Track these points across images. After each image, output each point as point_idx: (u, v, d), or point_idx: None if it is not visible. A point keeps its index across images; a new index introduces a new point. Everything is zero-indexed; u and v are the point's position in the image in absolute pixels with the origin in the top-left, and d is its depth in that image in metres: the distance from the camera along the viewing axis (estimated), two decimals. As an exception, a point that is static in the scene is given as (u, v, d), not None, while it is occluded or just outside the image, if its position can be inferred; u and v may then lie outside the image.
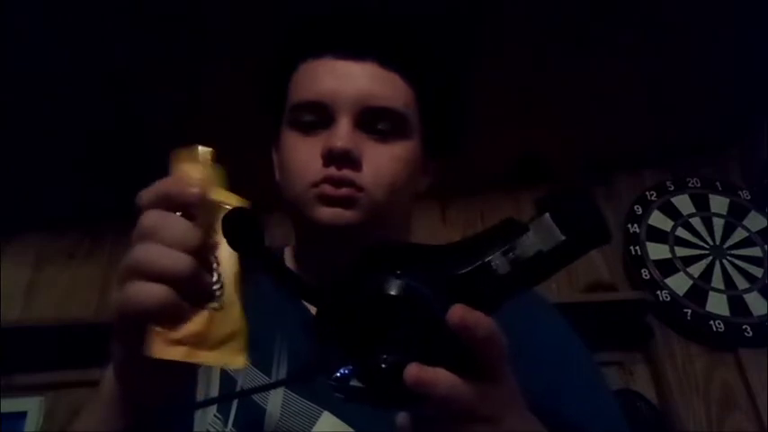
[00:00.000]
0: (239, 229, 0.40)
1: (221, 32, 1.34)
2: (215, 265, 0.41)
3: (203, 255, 0.41)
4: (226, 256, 0.41)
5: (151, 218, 0.40)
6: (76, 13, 1.28)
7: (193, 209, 0.40)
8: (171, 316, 0.39)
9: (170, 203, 0.41)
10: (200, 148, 0.43)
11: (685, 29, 1.41)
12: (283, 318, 0.63)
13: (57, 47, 1.34)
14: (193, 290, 0.40)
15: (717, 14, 1.38)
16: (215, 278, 0.41)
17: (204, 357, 0.39)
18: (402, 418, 0.38)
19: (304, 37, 0.71)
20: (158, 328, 0.38)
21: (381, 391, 0.38)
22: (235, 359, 0.40)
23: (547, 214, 0.39)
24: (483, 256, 0.39)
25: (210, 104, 1.47)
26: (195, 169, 0.42)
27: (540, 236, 0.39)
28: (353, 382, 0.38)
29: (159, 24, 1.32)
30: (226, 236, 0.40)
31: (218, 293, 0.41)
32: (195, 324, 0.39)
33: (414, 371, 0.36)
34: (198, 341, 0.39)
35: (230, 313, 0.41)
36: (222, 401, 0.60)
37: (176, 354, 0.38)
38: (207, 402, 0.60)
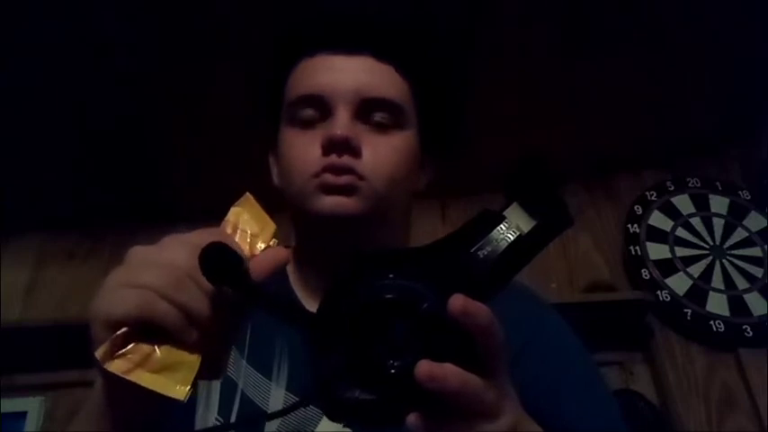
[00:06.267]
0: (217, 264, 0.39)
1: (222, 32, 1.34)
2: None
3: None
4: None
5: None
6: (77, 15, 1.28)
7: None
8: (146, 334, 0.39)
9: None
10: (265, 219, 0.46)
11: (685, 29, 1.41)
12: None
13: (58, 48, 1.34)
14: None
15: (717, 14, 1.38)
16: None
17: (143, 378, 0.38)
18: (413, 417, 0.38)
19: (299, 36, 0.71)
20: (119, 337, 0.39)
21: (394, 397, 0.38)
22: (175, 389, 0.39)
23: (515, 203, 0.42)
24: (469, 247, 0.40)
25: (212, 104, 1.47)
26: (242, 217, 0.45)
27: (516, 222, 0.41)
28: (362, 396, 0.38)
29: (160, 25, 1.32)
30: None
31: None
32: (145, 345, 0.39)
33: (425, 367, 0.37)
34: (142, 361, 0.39)
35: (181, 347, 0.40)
36: (240, 425, 0.60)
37: (117, 366, 0.38)
38: (231, 426, 0.60)
